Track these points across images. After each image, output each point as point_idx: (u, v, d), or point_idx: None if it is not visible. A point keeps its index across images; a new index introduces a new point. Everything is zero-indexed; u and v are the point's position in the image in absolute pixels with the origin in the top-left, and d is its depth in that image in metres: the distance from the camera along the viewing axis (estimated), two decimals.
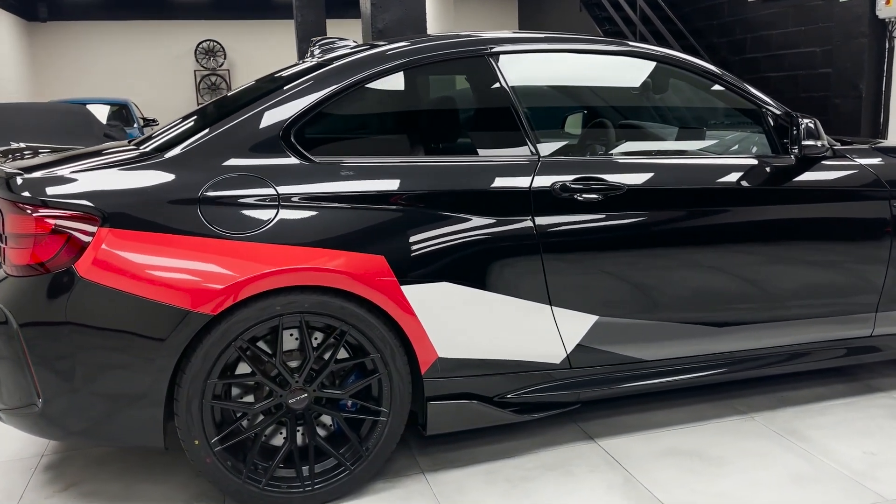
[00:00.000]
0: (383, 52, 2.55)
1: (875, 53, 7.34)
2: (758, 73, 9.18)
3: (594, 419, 2.90)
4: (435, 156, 2.59)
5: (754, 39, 9.21)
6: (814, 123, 2.74)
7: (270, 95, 2.43)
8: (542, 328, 2.55)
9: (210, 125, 2.37)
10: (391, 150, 2.57)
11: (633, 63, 2.94)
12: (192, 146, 2.32)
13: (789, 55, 8.66)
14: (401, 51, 2.57)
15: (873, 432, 2.73)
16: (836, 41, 7.78)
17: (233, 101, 2.56)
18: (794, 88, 8.65)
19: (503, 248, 2.46)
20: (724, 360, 2.81)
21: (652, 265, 2.62)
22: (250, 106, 2.41)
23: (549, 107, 3.27)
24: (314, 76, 2.47)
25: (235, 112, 2.40)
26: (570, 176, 2.54)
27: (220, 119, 2.39)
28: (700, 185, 2.67)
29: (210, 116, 2.49)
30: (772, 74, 8.98)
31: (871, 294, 2.89)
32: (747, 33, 9.31)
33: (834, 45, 7.83)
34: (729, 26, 9.62)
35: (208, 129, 2.36)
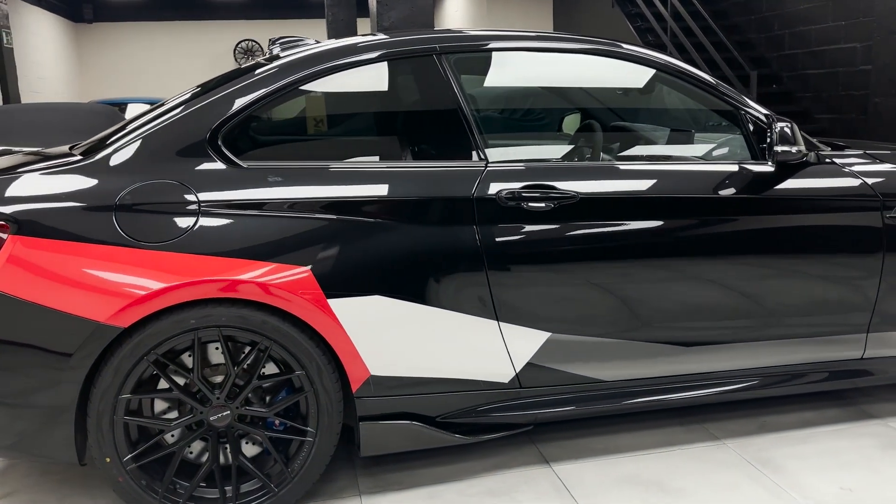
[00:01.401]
0: (322, 53, 2.43)
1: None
2: (796, 70, 8.77)
3: (555, 441, 2.73)
4: (371, 161, 2.46)
5: (793, 35, 8.79)
6: (789, 127, 2.51)
7: (202, 97, 2.34)
8: (489, 345, 2.39)
9: (138, 128, 2.30)
10: (326, 155, 2.45)
11: (602, 63, 2.74)
12: (117, 150, 2.24)
13: (829, 51, 8.24)
14: (340, 50, 2.44)
15: (857, 464, 2.49)
16: (876, 37, 7.34)
17: (168, 104, 2.48)
18: (834, 86, 8.22)
19: (443, 259, 2.32)
20: (691, 382, 2.61)
21: (609, 279, 2.43)
22: (180, 108, 2.32)
23: (502, 110, 3.11)
24: (248, 77, 2.37)
25: (165, 114, 2.31)
26: (518, 183, 2.38)
27: (150, 121, 2.31)
28: (663, 193, 2.47)
29: (142, 118, 2.41)
30: (811, 72, 8.56)
31: (861, 312, 2.65)
32: (785, 29, 8.90)
33: (874, 41, 7.39)
34: (767, 21, 9.22)
35: (136, 132, 2.28)
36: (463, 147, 2.41)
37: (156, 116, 2.33)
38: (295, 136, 2.62)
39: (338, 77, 2.42)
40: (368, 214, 2.27)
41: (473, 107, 2.52)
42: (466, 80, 2.55)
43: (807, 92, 8.56)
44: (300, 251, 2.19)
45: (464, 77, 2.56)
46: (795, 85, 8.75)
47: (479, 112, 2.62)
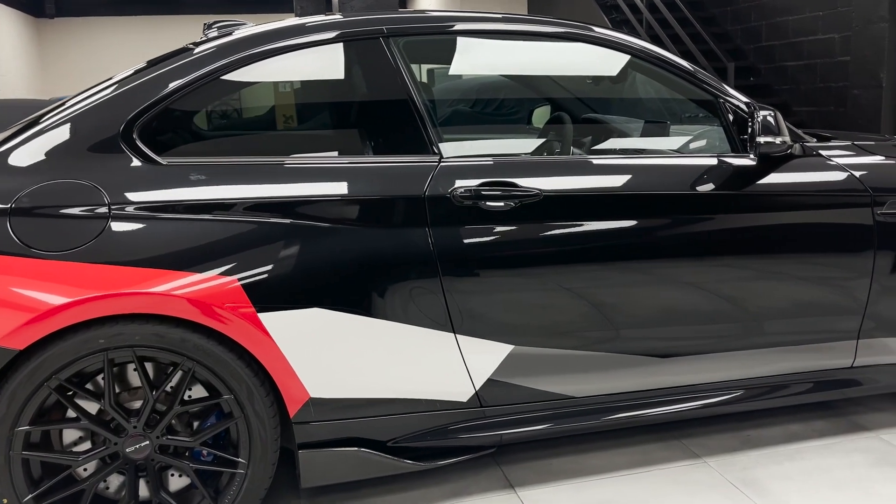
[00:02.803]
0: (253, 36, 2.17)
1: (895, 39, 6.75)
2: (774, 62, 8.61)
3: (521, 462, 2.49)
4: (309, 156, 2.20)
5: (770, 27, 8.63)
6: (773, 116, 2.29)
7: (117, 85, 2.07)
8: (444, 361, 2.15)
9: (44, 121, 2.02)
10: (258, 150, 2.18)
11: (572, 49, 2.50)
12: (17, 146, 1.96)
13: (807, 43, 8.08)
14: (275, 33, 2.18)
15: (849, 484, 2.28)
16: (854, 27, 7.20)
17: (80, 94, 2.20)
18: (813, 78, 8.07)
19: (392, 266, 2.07)
20: (669, 396, 2.38)
21: (577, 286, 2.20)
22: (92, 98, 2.05)
23: (460, 100, 2.87)
24: (170, 63, 2.10)
25: (74, 106, 2.04)
26: (476, 180, 2.14)
27: (58, 114, 2.03)
28: (636, 190, 2.24)
29: (51, 112, 2.13)
30: (789, 63, 8.40)
31: (851, 317, 2.43)
32: (763, 20, 8.74)
33: (853, 32, 7.25)
34: (744, 13, 9.05)
35: (40, 126, 2.00)
36: (413, 141, 2.16)
37: (65, 109, 2.06)
38: (223, 130, 2.36)
39: (272, 63, 2.15)
40: (305, 217, 2.01)
41: (426, 96, 2.27)
42: (420, 66, 2.30)
43: (785, 84, 8.40)
44: (226, 259, 1.93)
45: (419, 63, 2.31)
46: (773, 77, 8.59)
47: (432, 102, 2.38)
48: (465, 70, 3.20)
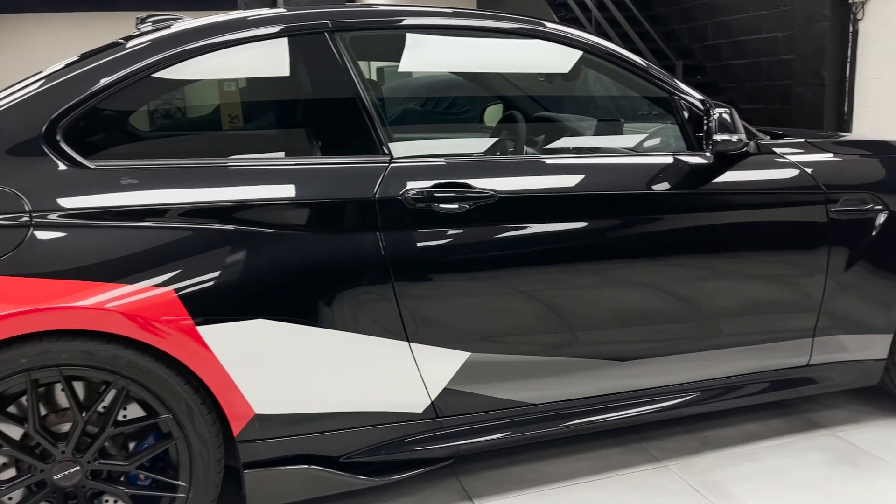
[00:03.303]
0: (191, 30, 2.04)
1: (838, 38, 6.90)
2: (719, 60, 8.74)
3: (480, 472, 2.42)
4: (251, 158, 2.07)
5: (716, 25, 8.75)
6: (729, 113, 2.25)
7: (42, 82, 1.91)
8: (398, 370, 2.05)
9: None
10: (196, 152, 2.05)
11: (524, 45, 2.43)
12: None
13: (751, 41, 8.22)
14: (213, 27, 2.05)
15: (808, 485, 2.26)
16: (797, 25, 7.34)
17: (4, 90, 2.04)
18: (757, 76, 8.21)
19: (341, 273, 1.97)
20: (628, 400, 2.33)
21: (534, 290, 2.13)
22: (14, 95, 1.89)
23: (410, 98, 2.78)
24: (99, 59, 1.95)
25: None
26: (428, 182, 2.04)
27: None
28: (593, 190, 2.18)
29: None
30: (734, 62, 8.53)
31: (807, 314, 2.42)
32: (709, 19, 8.86)
33: (796, 30, 7.39)
34: (690, 12, 9.16)
35: None
36: (361, 141, 2.05)
37: None
38: (160, 130, 2.22)
39: (211, 59, 2.02)
40: (248, 222, 1.89)
41: (375, 94, 2.17)
42: (370, 63, 2.20)
43: (731, 82, 8.53)
44: (161, 269, 1.80)
45: (367, 60, 2.21)
46: (719, 75, 8.71)
47: (381, 100, 2.28)
48: (415, 67, 3.11)
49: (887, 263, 2.43)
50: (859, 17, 6.69)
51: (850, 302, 2.43)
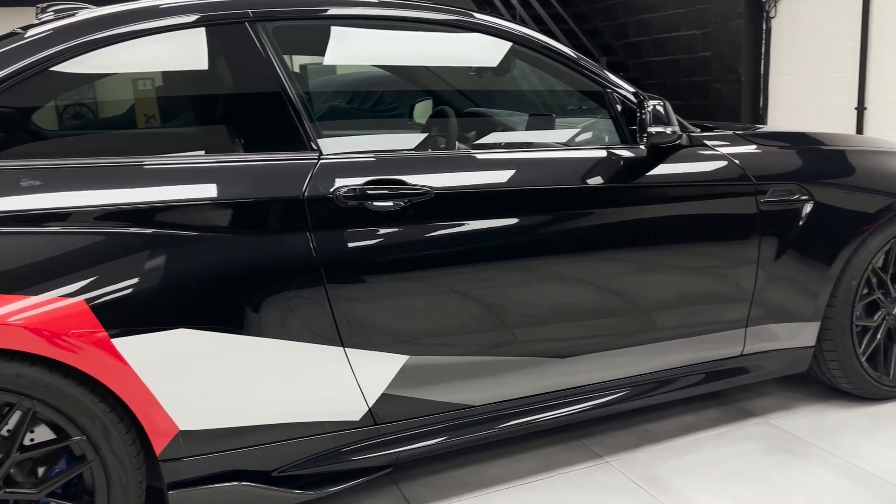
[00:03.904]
0: (98, 19, 1.88)
1: (752, 36, 7.15)
2: (641, 57, 8.93)
3: (420, 478, 2.34)
4: (167, 156, 1.93)
5: (637, 23, 8.94)
6: (662, 105, 2.25)
7: None
8: (333, 378, 1.96)
9: None
10: (106, 150, 1.90)
11: (455, 37, 2.36)
12: None
13: (671, 39, 8.43)
14: (123, 16, 1.90)
15: (745, 475, 2.28)
16: (714, 23, 7.56)
17: None
18: (677, 73, 8.43)
19: (269, 276, 1.85)
20: (568, 398, 2.30)
21: (472, 288, 2.07)
22: None
23: (339, 92, 2.68)
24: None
25: None
26: (360, 179, 1.95)
27: None
28: (529, 185, 2.14)
29: None
30: (655, 59, 8.74)
31: (739, 305, 2.44)
32: (630, 17, 9.04)
33: (713, 28, 7.61)
34: (612, 10, 9.33)
35: None
36: (288, 137, 1.95)
37: None
38: (66, 128, 2.04)
39: (120, 50, 1.87)
40: (167, 225, 1.76)
41: (301, 88, 2.06)
42: (296, 57, 2.09)
43: (652, 79, 8.73)
44: (70, 278, 1.65)
45: (293, 53, 2.10)
46: (641, 72, 8.90)
47: (308, 94, 2.17)
48: (342, 60, 3.00)
49: (813, 253, 2.48)
50: (772, 15, 6.94)
51: (781, 291, 2.47)
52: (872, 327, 2.64)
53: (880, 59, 6.02)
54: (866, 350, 2.62)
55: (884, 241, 2.56)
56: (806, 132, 2.72)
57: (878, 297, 2.64)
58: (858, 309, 2.59)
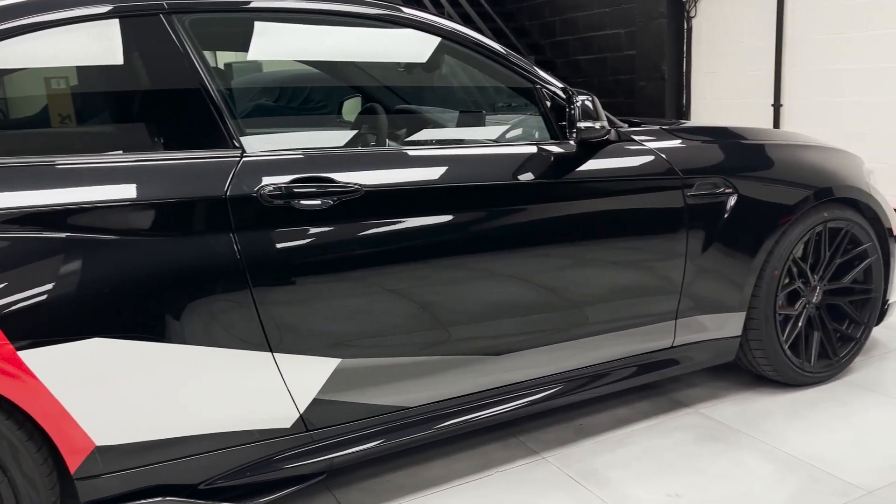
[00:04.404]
0: (2, 8, 1.76)
1: (674, 34, 7.33)
2: (568, 56, 9.05)
3: (356, 483, 2.29)
4: (78, 155, 1.82)
5: (563, 22, 9.06)
6: (591, 101, 2.26)
7: None
8: (261, 384, 1.89)
9: None
10: (16, 149, 1.77)
11: (383, 33, 2.31)
12: None
13: (597, 37, 8.57)
14: (29, 5, 1.78)
15: (679, 465, 2.31)
16: (637, 22, 7.72)
17: None
18: (604, 71, 8.57)
19: (191, 280, 1.77)
20: (504, 395, 2.29)
21: (405, 287, 2.02)
22: None
23: (263, 88, 2.60)
24: None
25: None
26: (286, 177, 1.88)
27: None
28: (460, 182, 2.11)
29: None
30: (581, 58, 8.87)
31: (670, 297, 2.48)
32: (556, 15, 9.15)
33: (636, 27, 7.77)
34: (538, 9, 9.43)
35: None
36: (208, 134, 1.86)
37: None
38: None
39: (24, 42, 1.75)
40: (79, 229, 1.66)
41: (222, 83, 1.98)
42: (207, 49, 2.00)
43: (579, 77, 8.86)
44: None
45: (214, 47, 2.01)
46: (568, 71, 9.02)
47: (230, 91, 2.09)
48: (267, 56, 2.91)
49: (738, 245, 2.54)
50: (692, 14, 7.14)
51: (708, 283, 2.51)
52: (794, 316, 2.73)
53: (794, 58, 6.27)
54: (789, 338, 2.71)
55: (803, 231, 2.64)
56: (728, 127, 2.78)
57: (799, 286, 2.72)
58: (781, 298, 2.66)
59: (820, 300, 2.78)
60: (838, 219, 2.72)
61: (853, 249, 2.81)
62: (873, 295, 2.87)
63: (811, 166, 2.71)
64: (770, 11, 6.35)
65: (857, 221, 2.78)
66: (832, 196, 2.68)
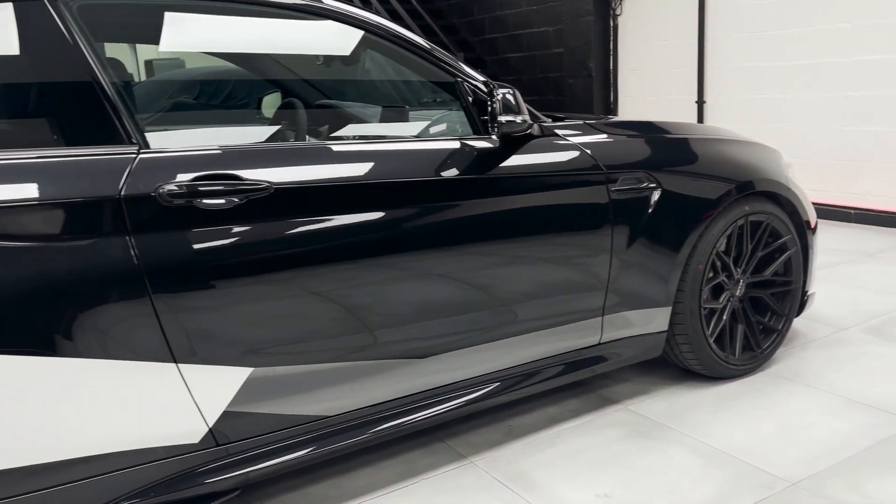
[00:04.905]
0: None
1: (601, 32, 7.41)
2: (498, 54, 9.07)
3: (274, 497, 2.17)
4: None
5: (492, 20, 9.06)
6: (512, 94, 2.20)
7: None
8: (165, 399, 1.76)
9: None
10: None
11: (302, 24, 2.19)
12: None
13: (525, 35, 8.60)
14: None
15: (608, 463, 2.28)
16: (565, 20, 7.78)
17: None
18: (533, 69, 8.61)
19: (83, 288, 1.63)
20: (430, 399, 2.21)
21: (321, 290, 1.92)
22: None
23: (168, 82, 2.46)
24: None
25: None
26: (188, 174, 1.76)
27: None
28: (378, 178, 2.02)
29: None
30: (511, 55, 8.89)
31: (596, 293, 2.45)
32: (485, 13, 9.15)
33: (564, 25, 7.83)
34: (467, 6, 9.41)
35: None
36: (101, 130, 1.72)
37: None
38: None
39: None
40: None
41: (117, 75, 1.83)
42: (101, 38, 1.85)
43: (509, 75, 8.88)
44: None
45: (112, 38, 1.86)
46: (498, 69, 9.03)
47: (127, 83, 1.94)
48: (174, 47, 2.75)
49: (663, 239, 2.53)
50: (618, 12, 7.23)
51: (634, 278, 2.50)
52: (719, 309, 2.74)
53: (716, 55, 6.41)
54: (714, 332, 2.72)
55: (725, 225, 2.66)
56: (653, 121, 2.78)
57: (723, 279, 2.74)
58: (705, 292, 2.67)
59: (743, 293, 2.80)
60: (759, 212, 2.75)
61: (774, 242, 2.85)
62: (794, 287, 2.91)
63: (733, 160, 2.73)
64: (692, 10, 6.47)
65: (777, 214, 2.81)
66: (753, 189, 2.70)
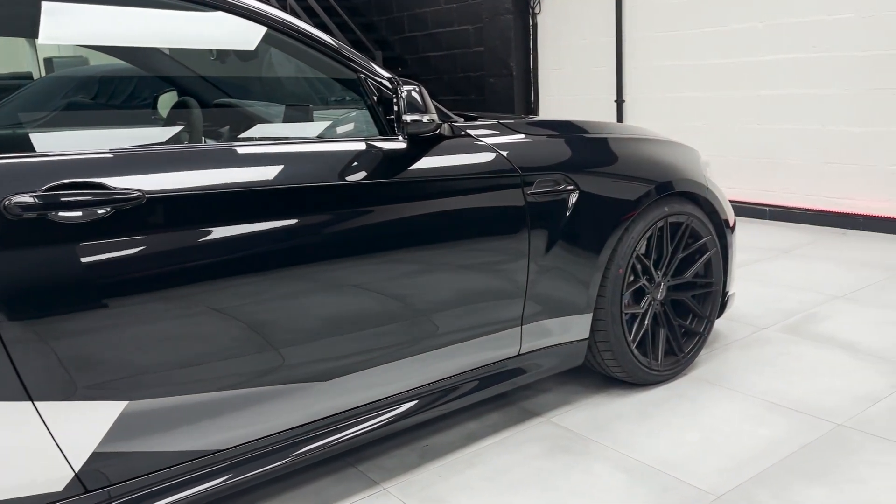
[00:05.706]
0: None
1: (521, 31, 7.35)
2: (418, 52, 8.92)
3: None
4: None
5: (411, 17, 8.90)
6: (418, 91, 2.04)
7: None
8: (20, 442, 1.52)
9: None
10: None
11: (197, 17, 1.97)
12: None
13: (445, 34, 8.48)
14: None
15: (530, 484, 2.15)
16: (484, 18, 7.69)
17: None
18: (454, 68, 8.50)
19: None
20: (341, 422, 2.03)
21: (204, 310, 1.71)
22: None
23: (23, 78, 2.20)
24: None
25: None
26: (42, 184, 1.52)
27: None
28: (275, 185, 1.82)
29: None
30: (431, 54, 8.76)
31: (514, 302, 2.31)
32: (404, 11, 8.98)
33: (484, 23, 7.74)
34: (386, 3, 9.22)
35: None
36: None
37: None
38: None
39: None
40: None
41: None
42: None
43: (430, 74, 8.74)
44: None
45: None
46: (419, 67, 8.89)
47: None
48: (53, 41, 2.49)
49: (582, 243, 2.42)
50: (537, 10, 7.18)
51: (553, 284, 2.38)
52: (640, 314, 2.66)
53: (634, 55, 6.43)
54: (636, 337, 2.63)
55: (645, 227, 2.57)
56: (572, 121, 2.67)
57: (644, 283, 2.66)
58: (626, 297, 2.58)
59: (664, 297, 2.73)
60: (679, 213, 2.68)
61: (694, 243, 2.78)
62: (714, 288, 2.86)
63: (652, 160, 2.65)
64: (609, 9, 6.47)
65: (697, 215, 2.75)
66: (673, 190, 2.63)
